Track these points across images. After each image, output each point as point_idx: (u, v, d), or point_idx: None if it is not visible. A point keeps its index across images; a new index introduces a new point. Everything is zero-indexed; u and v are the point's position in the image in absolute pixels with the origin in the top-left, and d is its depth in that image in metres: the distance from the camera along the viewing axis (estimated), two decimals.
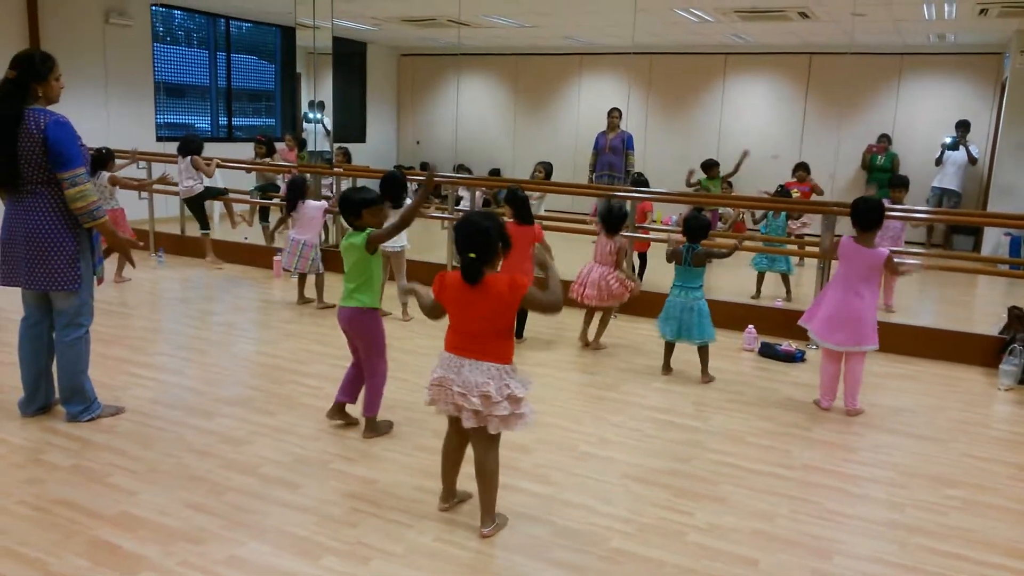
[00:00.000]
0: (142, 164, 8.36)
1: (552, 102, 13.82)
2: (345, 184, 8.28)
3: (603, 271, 5.44)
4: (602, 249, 5.49)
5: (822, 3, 8.38)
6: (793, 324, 5.94)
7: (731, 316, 5.90)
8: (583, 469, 3.53)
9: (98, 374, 4.13)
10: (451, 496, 3.08)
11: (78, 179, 3.49)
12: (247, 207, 8.87)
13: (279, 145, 9.46)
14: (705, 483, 3.44)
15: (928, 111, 11.39)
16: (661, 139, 12.72)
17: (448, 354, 2.86)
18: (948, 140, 10.71)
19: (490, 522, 2.90)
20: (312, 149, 8.94)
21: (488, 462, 2.89)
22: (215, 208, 9.45)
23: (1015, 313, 5.57)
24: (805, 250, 7.52)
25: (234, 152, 9.80)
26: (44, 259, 3.55)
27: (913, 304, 7.42)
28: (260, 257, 7.89)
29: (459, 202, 8.14)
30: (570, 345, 5.54)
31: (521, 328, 5.56)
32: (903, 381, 5.14)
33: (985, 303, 8.04)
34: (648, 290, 6.74)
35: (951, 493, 3.46)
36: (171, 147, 7.96)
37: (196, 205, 7.74)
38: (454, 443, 3.01)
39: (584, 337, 5.55)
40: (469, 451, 2.99)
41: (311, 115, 8.52)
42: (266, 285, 7.26)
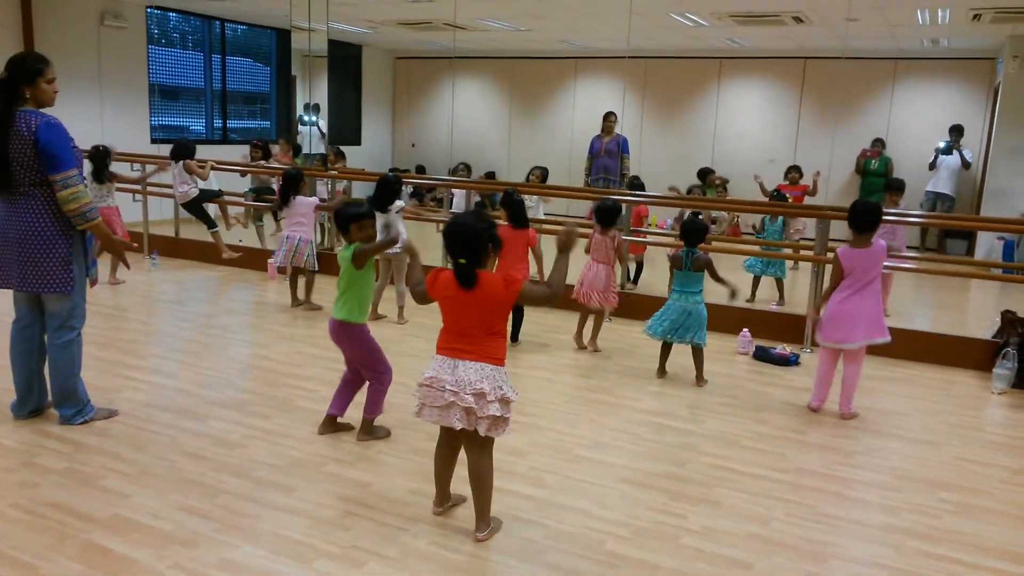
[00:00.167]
0: (136, 166, 8.36)
1: (547, 105, 13.84)
2: (340, 186, 8.28)
3: (600, 270, 5.42)
4: (598, 246, 5.48)
5: (816, 8, 8.41)
6: (787, 327, 5.97)
7: (726, 319, 5.91)
8: (578, 472, 3.53)
9: (91, 377, 4.11)
10: (445, 500, 3.07)
11: (70, 181, 3.47)
12: (242, 209, 8.85)
13: (274, 148, 9.46)
14: (700, 486, 3.44)
15: (922, 115, 11.43)
16: (656, 143, 12.75)
17: (441, 356, 2.85)
18: (942, 144, 10.76)
19: (485, 526, 2.90)
20: (307, 152, 8.93)
21: (482, 466, 2.88)
22: (209, 211, 9.42)
23: (1008, 317, 5.58)
24: (800, 254, 7.54)
25: (229, 154, 9.78)
26: (37, 261, 3.54)
27: (907, 308, 7.44)
28: (255, 260, 7.87)
29: (451, 203, 8.13)
30: (564, 348, 5.54)
31: (516, 331, 5.56)
32: (897, 385, 5.15)
33: (978, 307, 8.07)
34: (643, 293, 6.76)
35: (945, 497, 3.47)
36: (166, 149, 7.94)
37: (195, 208, 7.72)
38: (447, 447, 3.00)
39: (579, 338, 5.55)
40: (463, 455, 2.98)
41: (306, 118, 8.52)
42: (261, 288, 7.24)
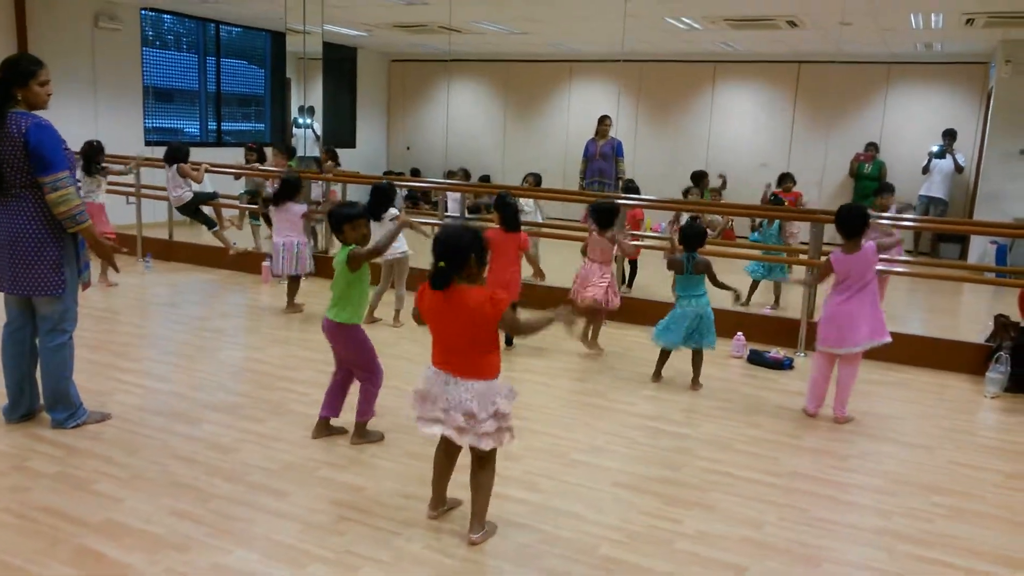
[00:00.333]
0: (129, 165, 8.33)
1: (542, 108, 13.85)
2: (334, 187, 8.27)
3: (595, 268, 5.41)
4: (595, 247, 5.47)
5: (810, 12, 8.44)
6: (781, 331, 5.97)
7: (720, 323, 5.86)
8: (573, 476, 3.52)
9: (84, 380, 4.09)
10: (440, 503, 3.07)
11: (59, 183, 3.45)
12: (236, 213, 8.84)
13: (269, 151, 9.45)
14: (694, 490, 3.44)
15: (915, 120, 11.47)
16: (650, 146, 12.77)
17: (434, 369, 2.84)
18: (935, 149, 10.80)
19: (479, 529, 2.89)
20: (302, 154, 8.92)
21: (485, 472, 2.88)
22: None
23: (1001, 321, 5.60)
24: (798, 257, 7.55)
25: (223, 157, 9.77)
26: (28, 264, 3.52)
27: (901, 312, 7.45)
28: (249, 263, 7.85)
29: (446, 207, 8.11)
30: (560, 352, 5.54)
31: (510, 336, 5.54)
32: (891, 389, 5.16)
33: (971, 311, 8.09)
34: (638, 297, 6.77)
35: (938, 500, 3.47)
36: (160, 151, 7.92)
37: (192, 211, 7.69)
38: (446, 451, 3.00)
39: (585, 339, 5.53)
40: (461, 459, 2.98)
41: (301, 120, 8.50)
42: (255, 291, 7.22)
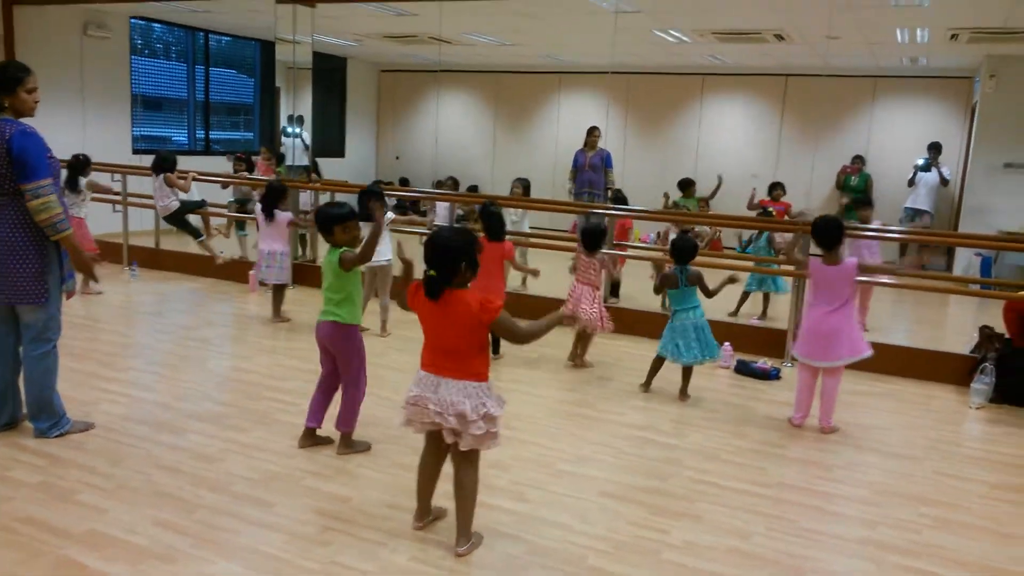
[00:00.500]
0: (116, 177, 8.30)
1: (531, 119, 13.89)
2: (323, 198, 8.25)
3: (584, 291, 5.41)
4: (583, 268, 5.47)
5: (797, 26, 8.51)
6: (768, 342, 6.00)
7: None
8: (560, 487, 3.52)
9: (67, 389, 4.06)
10: (426, 514, 3.05)
11: (41, 191, 3.43)
12: (223, 220, 8.81)
13: (257, 159, 9.43)
14: (681, 501, 3.44)
15: (901, 133, 11.58)
16: (639, 157, 12.82)
17: (424, 373, 2.84)
18: (921, 162, 10.89)
19: (465, 541, 2.88)
20: (291, 163, 8.90)
21: (467, 481, 2.87)
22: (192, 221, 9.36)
23: (986, 332, 5.64)
24: (781, 268, 7.59)
25: (211, 165, 9.74)
26: (10, 272, 3.50)
27: (886, 323, 7.50)
28: (236, 272, 7.82)
29: (429, 215, 8.12)
30: (548, 362, 5.53)
31: (497, 344, 5.54)
32: (877, 399, 5.18)
33: (957, 322, 8.15)
34: (624, 307, 6.78)
35: (924, 511, 3.49)
36: (147, 159, 7.89)
37: (178, 220, 7.65)
38: (431, 461, 2.99)
39: (574, 358, 5.52)
40: (446, 469, 2.97)
41: (290, 129, 8.49)
42: (241, 300, 7.19)
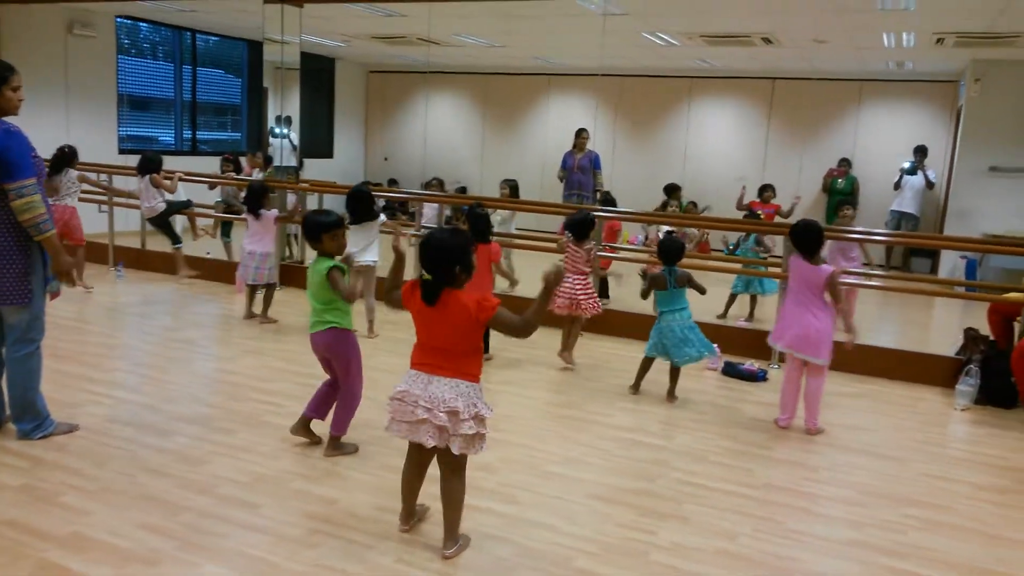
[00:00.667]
0: (103, 176, 8.24)
1: (520, 121, 13.90)
2: (311, 199, 8.22)
3: (574, 280, 5.43)
4: (572, 257, 5.48)
5: (785, 29, 8.56)
6: (756, 344, 6.01)
7: None
8: (548, 488, 3.51)
9: (52, 390, 4.02)
10: (411, 516, 3.04)
11: (25, 190, 3.39)
12: (210, 221, 8.77)
13: (244, 161, 9.39)
14: (669, 502, 3.44)
15: (887, 136, 11.66)
16: (628, 159, 12.85)
17: (415, 371, 2.82)
18: (906, 165, 10.97)
19: (452, 543, 2.87)
20: (279, 164, 8.86)
21: (454, 485, 2.85)
22: (177, 223, 9.30)
23: (971, 335, 5.68)
24: (772, 271, 7.62)
25: (198, 166, 9.69)
26: None
27: (872, 325, 7.54)
28: (222, 272, 7.78)
29: (417, 216, 8.10)
30: (537, 363, 5.53)
31: (487, 345, 5.53)
32: (863, 401, 5.21)
33: (942, 324, 8.21)
34: (615, 308, 6.78)
35: (910, 512, 3.50)
36: (133, 159, 7.84)
37: (161, 223, 7.61)
38: (415, 464, 2.97)
39: (563, 352, 5.52)
40: (431, 471, 2.96)
41: (278, 130, 8.45)
42: (228, 301, 7.15)
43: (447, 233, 2.84)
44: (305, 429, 3.81)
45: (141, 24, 11.17)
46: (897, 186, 10.95)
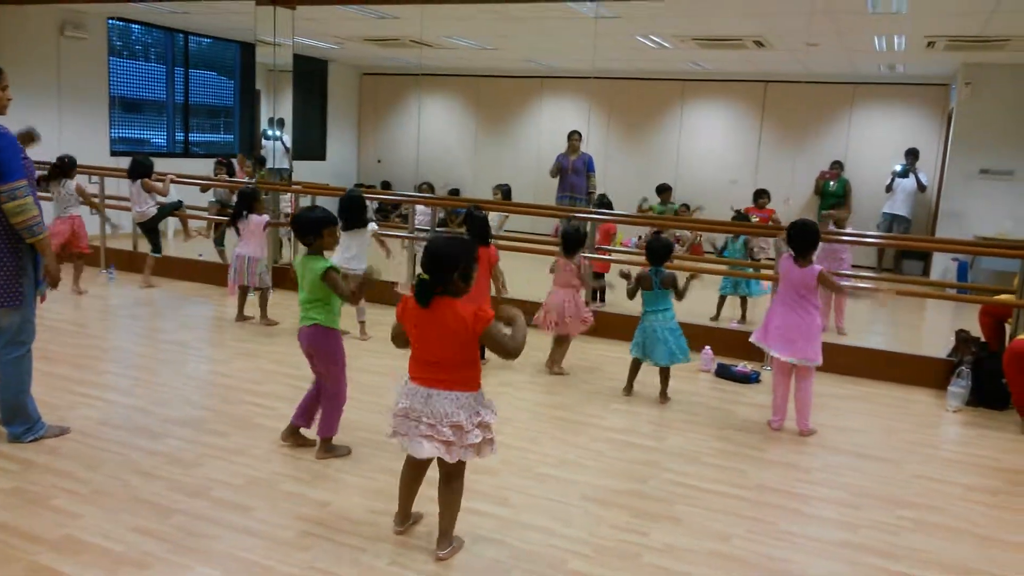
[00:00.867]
0: (94, 179, 8.21)
1: (513, 124, 13.90)
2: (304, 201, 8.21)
3: (564, 296, 5.42)
4: (562, 271, 5.48)
5: (777, 33, 8.59)
6: (748, 346, 6.02)
7: (689, 337, 5.91)
8: (541, 490, 3.51)
9: (43, 393, 4.00)
10: (406, 519, 3.03)
11: (16, 192, 3.38)
12: (203, 223, 8.74)
13: (236, 163, 9.37)
14: (662, 503, 3.45)
15: (879, 139, 11.70)
16: (621, 162, 12.86)
17: (414, 385, 2.80)
18: (898, 168, 11.02)
19: (446, 544, 2.86)
20: (271, 166, 8.84)
21: (453, 488, 2.85)
22: (170, 224, 9.28)
23: (962, 336, 5.70)
24: (761, 273, 7.64)
25: (190, 168, 9.66)
26: None
27: (864, 327, 7.57)
28: (215, 275, 7.75)
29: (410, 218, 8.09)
30: (530, 366, 5.53)
31: (482, 350, 5.50)
32: (855, 402, 5.22)
33: (934, 326, 8.24)
34: (609, 311, 6.79)
35: (902, 513, 3.51)
36: (125, 161, 7.81)
37: (149, 228, 7.57)
38: (414, 467, 2.96)
39: (551, 362, 5.51)
40: (429, 474, 2.95)
41: (271, 132, 8.43)
42: (220, 303, 7.12)
43: (451, 239, 2.83)
44: (294, 435, 3.80)
45: (133, 26, 11.13)
46: (889, 189, 10.99)
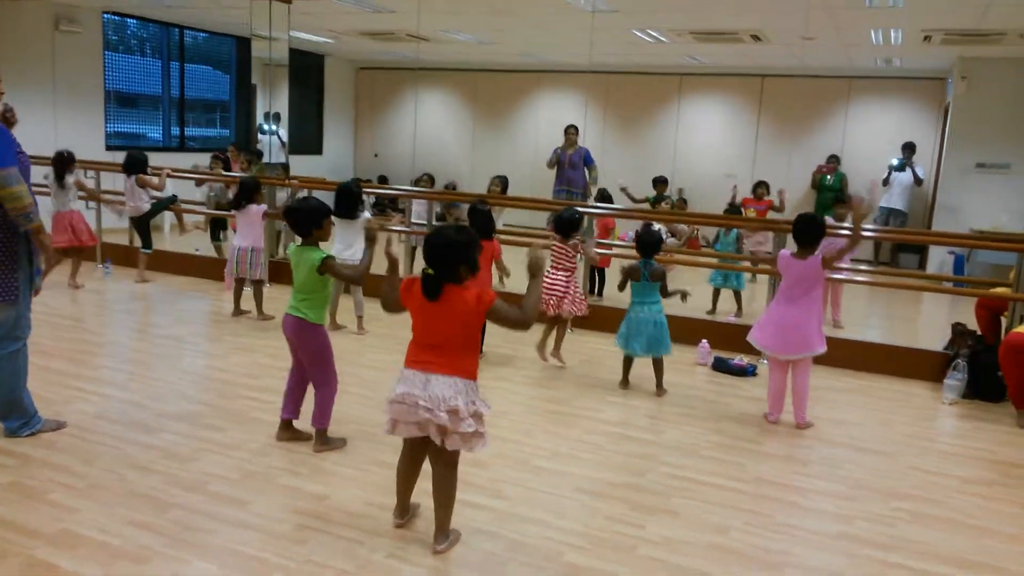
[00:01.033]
0: (91, 173, 8.18)
1: (510, 118, 13.89)
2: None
3: (557, 277, 5.42)
4: (558, 255, 5.47)
5: (774, 27, 8.58)
6: (745, 339, 6.04)
7: (685, 331, 5.96)
8: (537, 483, 3.51)
9: (39, 388, 3.99)
10: (406, 512, 3.03)
11: (9, 180, 3.36)
12: (200, 218, 8.72)
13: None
14: (658, 496, 3.45)
15: (875, 133, 11.71)
16: (618, 156, 12.85)
17: (411, 370, 2.79)
18: (895, 161, 11.03)
19: (444, 538, 2.87)
20: (267, 161, 8.83)
21: (447, 482, 2.85)
22: (166, 218, 9.26)
23: (958, 329, 5.72)
24: (758, 267, 7.65)
25: (186, 162, 9.63)
26: None
27: (861, 320, 7.58)
28: (211, 269, 7.74)
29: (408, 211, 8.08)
30: (526, 359, 5.53)
31: (480, 343, 5.50)
32: (851, 395, 5.23)
33: (930, 319, 8.26)
34: (607, 305, 6.79)
35: (899, 505, 3.52)
36: (121, 156, 7.78)
37: (142, 224, 7.55)
38: (410, 461, 2.96)
39: (543, 350, 5.50)
40: (425, 467, 2.95)
41: (266, 126, 8.42)
42: (217, 298, 7.11)
43: (454, 230, 2.79)
44: (289, 430, 3.80)
45: (128, 20, 11.08)
46: (886, 182, 11.00)
